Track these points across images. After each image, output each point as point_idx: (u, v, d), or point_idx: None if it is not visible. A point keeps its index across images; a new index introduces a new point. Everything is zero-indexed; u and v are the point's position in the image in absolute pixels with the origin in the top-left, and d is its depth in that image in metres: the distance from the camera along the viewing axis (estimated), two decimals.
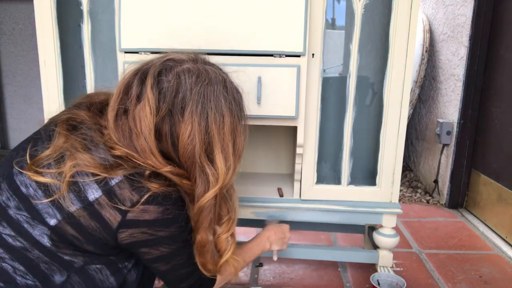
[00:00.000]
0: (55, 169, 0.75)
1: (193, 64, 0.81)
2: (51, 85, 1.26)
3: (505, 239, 1.82)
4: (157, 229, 0.77)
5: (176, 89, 0.77)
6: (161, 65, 0.80)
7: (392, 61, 1.23)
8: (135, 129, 0.77)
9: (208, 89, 0.78)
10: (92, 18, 1.24)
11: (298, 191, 1.34)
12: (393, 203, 1.34)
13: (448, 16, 2.33)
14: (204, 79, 0.79)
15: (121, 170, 0.74)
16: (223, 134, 0.79)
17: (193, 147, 0.77)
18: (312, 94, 1.25)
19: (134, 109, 0.77)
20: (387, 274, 1.33)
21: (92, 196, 0.73)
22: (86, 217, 0.73)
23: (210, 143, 0.79)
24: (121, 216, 0.74)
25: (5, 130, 2.70)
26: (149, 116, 0.76)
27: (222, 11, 1.15)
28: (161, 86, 0.78)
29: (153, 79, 0.78)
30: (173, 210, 0.77)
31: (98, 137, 0.78)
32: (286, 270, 1.54)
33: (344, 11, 1.24)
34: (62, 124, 0.80)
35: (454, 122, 2.18)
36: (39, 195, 0.74)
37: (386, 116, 1.27)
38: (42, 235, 0.74)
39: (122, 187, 0.73)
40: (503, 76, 1.90)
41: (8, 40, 2.56)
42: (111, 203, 0.73)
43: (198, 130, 0.77)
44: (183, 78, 0.78)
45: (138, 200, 0.74)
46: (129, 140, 0.77)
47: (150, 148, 0.76)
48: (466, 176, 2.17)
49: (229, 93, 0.82)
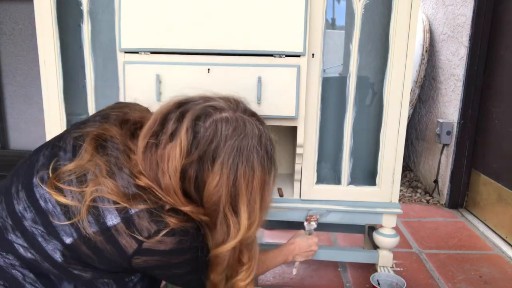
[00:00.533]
0: (76, 188, 0.74)
1: (233, 114, 0.79)
2: (51, 85, 1.26)
3: (505, 239, 1.82)
4: (171, 257, 0.77)
5: (211, 138, 0.76)
6: (201, 110, 0.78)
7: (392, 61, 1.23)
8: (162, 165, 0.76)
9: (243, 143, 0.77)
10: (92, 18, 1.24)
11: (298, 191, 1.34)
12: (393, 203, 1.34)
13: (448, 16, 2.33)
14: (240, 133, 0.77)
15: (142, 204, 0.74)
16: (251, 189, 0.78)
17: (218, 197, 0.77)
18: (312, 94, 1.25)
19: (165, 146, 0.77)
20: (387, 274, 1.33)
21: (111, 222, 0.73)
22: (103, 241, 0.73)
23: (237, 196, 0.78)
24: (137, 244, 0.74)
25: (5, 130, 2.70)
26: (178, 158, 0.75)
27: (222, 11, 1.15)
28: (197, 130, 0.77)
29: (191, 122, 0.77)
30: (188, 241, 0.77)
31: (125, 161, 0.78)
32: (286, 270, 1.54)
33: (344, 11, 1.24)
34: (91, 140, 0.79)
35: (454, 122, 2.18)
36: (57, 212, 0.74)
37: (386, 116, 1.27)
38: (55, 250, 0.74)
39: (141, 217, 0.74)
40: (503, 76, 1.90)
41: (8, 40, 2.55)
42: (128, 231, 0.73)
43: (226, 182, 0.76)
44: (219, 127, 0.77)
45: (156, 231, 0.74)
46: (155, 174, 0.77)
47: (174, 188, 0.76)
48: (466, 176, 2.17)
49: (263, 148, 0.80)
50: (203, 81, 1.18)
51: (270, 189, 0.83)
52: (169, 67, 1.18)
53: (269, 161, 0.82)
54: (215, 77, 1.18)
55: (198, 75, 1.18)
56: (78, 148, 0.79)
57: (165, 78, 1.18)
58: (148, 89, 1.18)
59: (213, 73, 1.18)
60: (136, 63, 1.18)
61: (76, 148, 0.79)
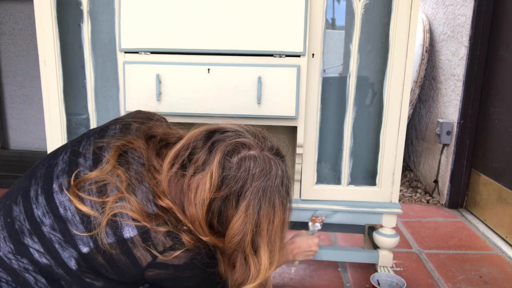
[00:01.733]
0: (96, 198, 0.75)
1: (260, 152, 0.80)
2: (51, 85, 1.26)
3: (505, 239, 1.82)
4: (183, 271, 0.78)
5: (238, 177, 0.77)
6: (232, 146, 0.79)
7: (392, 61, 1.23)
8: (189, 195, 0.77)
9: (268, 185, 0.78)
10: (92, 18, 1.24)
11: (298, 191, 1.34)
12: (393, 203, 1.34)
13: (448, 16, 2.33)
14: (266, 175, 0.78)
15: (162, 226, 0.75)
16: (271, 229, 0.79)
17: (241, 236, 0.77)
18: (312, 94, 1.25)
19: (193, 175, 0.77)
20: (387, 274, 1.33)
21: (128, 234, 0.74)
22: (118, 252, 0.74)
23: (258, 236, 0.78)
24: (151, 258, 0.75)
25: (5, 130, 2.70)
26: (207, 191, 0.76)
27: (222, 11, 1.15)
28: (227, 165, 0.77)
29: (222, 156, 0.77)
30: (201, 257, 0.78)
31: (147, 177, 0.78)
32: (286, 270, 1.54)
33: (344, 11, 1.24)
34: (115, 152, 0.79)
35: (454, 122, 2.18)
36: (76, 221, 0.75)
37: (386, 116, 1.27)
38: (70, 258, 0.74)
39: (157, 231, 0.74)
40: (503, 76, 1.90)
41: (8, 40, 2.55)
42: (144, 244, 0.74)
43: (250, 222, 0.77)
44: (247, 167, 0.78)
45: (171, 247, 0.75)
46: (180, 200, 0.78)
47: (199, 218, 0.77)
48: (466, 176, 2.17)
49: (284, 188, 0.81)
50: (203, 81, 1.18)
51: (288, 226, 0.84)
52: (169, 67, 1.18)
53: (288, 201, 0.83)
54: (215, 77, 1.18)
55: (198, 75, 1.18)
56: (100, 157, 0.79)
57: (165, 78, 1.18)
58: (148, 89, 1.18)
59: (213, 73, 1.18)
60: (136, 63, 1.18)
61: (98, 157, 0.80)
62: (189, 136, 0.81)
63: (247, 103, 1.19)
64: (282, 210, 0.80)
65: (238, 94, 1.19)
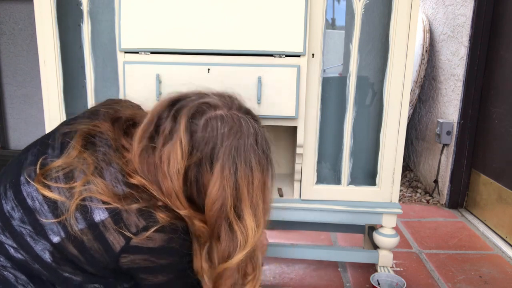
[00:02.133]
0: (63, 184, 0.73)
1: (227, 111, 0.77)
2: (51, 85, 1.26)
3: (505, 239, 1.82)
4: (159, 257, 0.74)
5: (208, 137, 0.74)
6: (196, 108, 0.77)
7: (392, 61, 1.23)
8: (162, 168, 0.74)
9: (239, 142, 0.75)
10: (92, 18, 1.24)
11: (298, 191, 1.34)
12: (393, 203, 1.34)
13: (448, 16, 2.33)
14: (236, 132, 0.75)
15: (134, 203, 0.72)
16: (252, 190, 0.76)
17: (221, 202, 0.74)
18: (312, 94, 1.25)
19: (163, 146, 0.74)
20: (387, 274, 1.33)
21: (98, 217, 0.71)
22: (90, 238, 0.71)
23: (239, 199, 0.75)
24: (124, 241, 0.71)
25: (5, 130, 2.70)
26: (180, 160, 0.73)
27: (222, 11, 1.15)
28: (195, 129, 0.75)
29: (187, 120, 0.75)
30: (178, 240, 0.74)
31: (116, 157, 0.76)
32: (286, 270, 1.54)
33: (344, 11, 1.24)
34: (79, 137, 0.77)
35: (454, 122, 2.18)
36: (45, 210, 0.73)
37: (386, 116, 1.27)
38: (44, 250, 0.72)
39: (129, 212, 0.71)
40: (503, 76, 1.90)
41: (8, 40, 2.55)
42: (116, 227, 0.71)
43: (228, 185, 0.74)
44: (216, 126, 0.75)
45: (145, 227, 0.71)
46: (154, 176, 0.75)
47: (176, 191, 0.74)
48: (466, 176, 2.17)
49: (259, 147, 0.78)
50: (203, 81, 1.18)
51: (270, 189, 0.81)
52: (169, 67, 1.18)
53: (267, 161, 0.80)
54: (215, 77, 1.18)
55: (198, 75, 1.18)
56: (66, 145, 0.77)
57: (165, 78, 1.18)
58: (148, 89, 1.18)
59: (213, 73, 1.18)
60: (136, 63, 1.18)
61: (64, 145, 0.77)
62: (153, 110, 0.79)
63: (247, 103, 1.19)
64: (261, 170, 0.77)
65: (234, 91, 1.18)
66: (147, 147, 0.76)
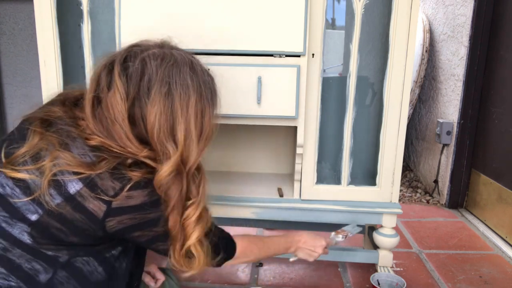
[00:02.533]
0: (32, 166, 0.73)
1: (159, 49, 0.81)
2: (51, 85, 1.26)
3: (505, 239, 1.82)
4: (146, 212, 0.76)
5: (142, 72, 0.77)
6: (126, 52, 0.81)
7: (392, 61, 1.23)
8: (110, 116, 0.76)
9: (174, 70, 0.78)
10: (92, 18, 1.24)
11: (298, 191, 1.34)
12: (393, 203, 1.34)
13: (448, 16, 2.33)
14: (169, 60, 0.79)
15: (104, 164, 0.73)
16: (186, 112, 0.78)
17: (158, 126, 0.77)
18: (312, 94, 1.25)
19: (106, 97, 0.77)
20: (387, 274, 1.33)
21: (73, 189, 0.72)
22: (69, 210, 0.72)
23: (173, 121, 0.78)
24: (105, 205, 0.73)
25: (5, 130, 2.69)
26: (120, 102, 0.76)
27: (222, 11, 1.15)
28: (128, 71, 0.78)
29: (120, 66, 0.78)
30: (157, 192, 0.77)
31: (75, 130, 0.77)
32: (286, 270, 1.54)
33: (344, 11, 1.24)
34: (36, 122, 0.79)
35: (454, 122, 2.18)
36: (17, 192, 0.73)
37: (386, 116, 1.27)
38: (22, 232, 0.73)
39: (103, 178, 0.73)
40: (503, 76, 1.90)
41: (8, 40, 2.55)
42: (93, 194, 0.72)
43: (163, 110, 0.77)
44: (148, 61, 0.78)
45: (121, 188, 0.73)
46: (106, 129, 0.77)
47: (126, 133, 0.76)
48: (466, 176, 2.17)
49: (197, 75, 0.81)
50: None
51: (210, 117, 0.83)
52: None
53: (207, 89, 0.82)
54: (215, 77, 1.18)
55: None
56: (26, 131, 0.78)
57: None
58: None
59: (213, 73, 1.18)
60: None
61: (24, 132, 0.79)
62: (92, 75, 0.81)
63: (247, 103, 1.19)
64: (198, 95, 0.79)
65: (238, 94, 1.19)
66: (95, 103, 0.78)
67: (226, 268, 1.53)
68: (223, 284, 1.45)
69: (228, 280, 1.47)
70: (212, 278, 1.47)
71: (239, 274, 1.51)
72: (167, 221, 0.79)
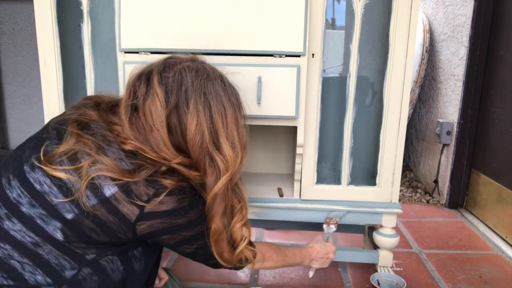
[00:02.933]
0: (69, 166, 0.76)
1: (192, 63, 0.87)
2: (51, 85, 1.26)
3: (505, 239, 1.82)
4: (175, 218, 0.80)
5: (180, 83, 0.82)
6: (164, 64, 0.85)
7: (392, 61, 1.23)
8: (148, 123, 0.81)
9: (208, 83, 0.84)
10: (92, 18, 1.24)
11: (298, 191, 1.34)
12: (393, 203, 1.34)
13: (448, 16, 2.33)
14: (203, 74, 0.84)
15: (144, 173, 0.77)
16: (226, 123, 0.84)
17: (200, 136, 0.81)
18: (312, 94, 1.25)
19: (144, 104, 0.81)
20: (387, 274, 1.33)
21: (109, 192, 0.75)
22: (104, 212, 0.75)
23: (216, 131, 0.83)
24: (138, 210, 0.76)
25: (5, 130, 2.70)
26: (160, 109, 0.80)
27: (222, 11, 1.15)
28: (166, 81, 0.82)
29: (158, 75, 0.83)
30: (187, 198, 0.80)
31: (112, 137, 0.80)
32: (286, 270, 1.54)
33: (344, 11, 1.24)
34: (73, 123, 0.82)
35: (454, 122, 2.18)
36: (54, 191, 0.75)
37: (386, 116, 1.27)
38: (56, 230, 0.75)
39: (138, 184, 0.76)
40: (503, 76, 1.90)
41: (8, 40, 2.56)
42: (128, 198, 0.75)
43: (204, 120, 0.81)
44: (184, 73, 0.83)
45: (155, 194, 0.76)
46: (143, 135, 0.81)
47: (163, 140, 0.80)
48: (466, 176, 2.17)
49: (227, 87, 0.87)
50: None
51: (243, 126, 0.89)
52: None
53: (236, 101, 0.88)
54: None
55: None
56: (63, 132, 0.81)
57: None
58: None
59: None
60: (136, 63, 1.17)
61: (61, 133, 0.81)
62: (127, 84, 0.86)
63: (247, 103, 1.19)
64: (232, 106, 0.85)
65: None
66: (132, 110, 0.83)
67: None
68: (223, 284, 1.45)
69: (228, 280, 1.47)
70: (212, 278, 1.47)
71: (239, 274, 1.51)
72: (197, 225, 0.84)
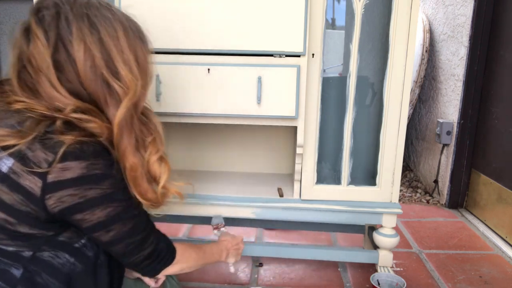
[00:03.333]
0: None
1: None
2: None
3: (505, 239, 1.82)
4: (85, 188, 0.69)
5: (57, 14, 0.72)
6: (38, 4, 0.75)
7: (392, 61, 1.23)
8: (33, 69, 0.71)
9: (90, 6, 0.74)
10: None
11: (298, 191, 1.34)
12: (393, 203, 1.34)
13: (448, 16, 2.33)
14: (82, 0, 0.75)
15: (30, 124, 0.68)
16: (120, 47, 0.75)
17: (91, 61, 0.72)
18: (312, 94, 1.25)
19: (27, 51, 0.72)
20: (387, 274, 1.33)
21: (5, 166, 0.67)
22: (6, 190, 0.67)
23: (109, 54, 0.73)
24: (41, 180, 0.67)
25: None
26: (43, 49, 0.70)
27: (222, 11, 1.15)
28: (43, 19, 0.72)
29: (34, 16, 0.73)
30: (99, 163, 0.70)
31: (4, 106, 0.73)
32: (286, 270, 1.54)
33: (344, 11, 1.24)
34: None
35: (454, 122, 2.18)
36: None
37: (386, 116, 1.27)
38: None
39: (34, 149, 0.67)
40: (503, 76, 1.90)
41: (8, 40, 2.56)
42: (26, 168, 0.66)
43: (92, 42, 0.72)
44: (61, 4, 0.73)
45: (54, 158, 0.67)
46: (31, 87, 0.72)
47: (51, 81, 0.71)
48: (466, 176, 2.17)
49: (116, 10, 0.78)
50: (203, 81, 1.18)
51: (142, 49, 0.79)
52: (169, 67, 1.18)
53: (131, 23, 0.79)
54: (215, 77, 1.18)
55: (198, 75, 1.18)
56: None
57: (165, 78, 1.18)
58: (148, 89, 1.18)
59: (213, 73, 1.18)
60: None
61: None
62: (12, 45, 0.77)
63: (247, 103, 1.19)
64: (123, 29, 0.76)
65: (238, 94, 1.19)
66: (21, 69, 0.74)
67: (226, 268, 1.53)
68: (223, 284, 1.45)
69: (228, 280, 1.47)
70: (212, 278, 1.47)
71: (239, 274, 1.51)
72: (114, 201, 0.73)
